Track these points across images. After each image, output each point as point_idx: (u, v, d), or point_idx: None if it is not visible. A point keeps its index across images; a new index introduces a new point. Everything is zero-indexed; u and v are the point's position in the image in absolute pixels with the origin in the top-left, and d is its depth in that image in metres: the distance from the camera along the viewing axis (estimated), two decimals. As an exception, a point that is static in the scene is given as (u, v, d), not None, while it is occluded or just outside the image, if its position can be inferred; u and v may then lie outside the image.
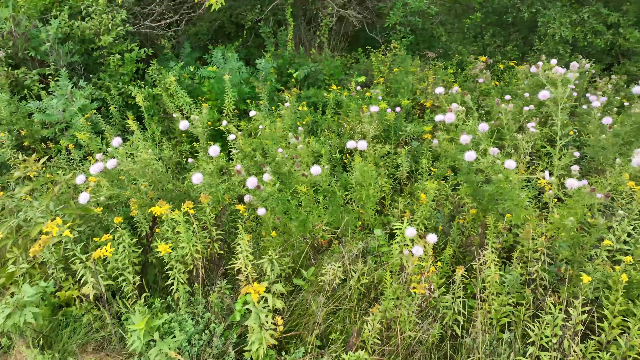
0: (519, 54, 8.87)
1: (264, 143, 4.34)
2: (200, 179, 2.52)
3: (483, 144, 2.51)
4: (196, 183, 2.52)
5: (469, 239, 2.96)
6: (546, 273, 2.41)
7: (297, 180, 2.99)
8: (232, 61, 5.84)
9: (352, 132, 5.20)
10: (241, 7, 7.92)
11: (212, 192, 2.75)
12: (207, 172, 2.68)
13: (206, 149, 2.88)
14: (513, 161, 2.34)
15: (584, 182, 2.20)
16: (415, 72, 7.12)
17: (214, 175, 2.73)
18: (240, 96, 5.84)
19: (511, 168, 2.35)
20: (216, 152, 2.60)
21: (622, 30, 7.94)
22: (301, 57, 7.31)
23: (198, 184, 2.57)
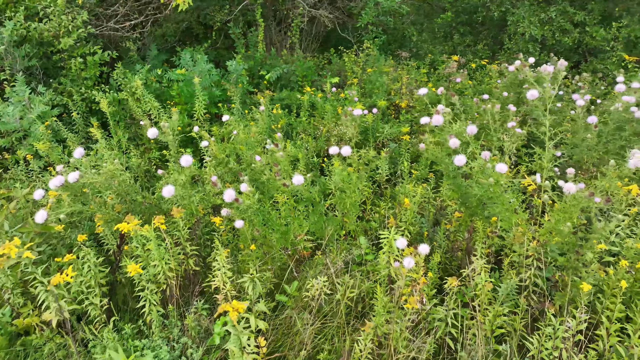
0: (489, 53, 8.93)
1: (238, 148, 4.16)
2: (172, 192, 2.32)
3: (471, 146, 2.41)
4: (167, 196, 2.33)
5: (456, 244, 2.86)
6: (539, 279, 2.32)
7: (276, 187, 2.83)
8: (202, 63, 5.62)
9: (328, 135, 5.06)
10: (209, 7, 7.68)
11: (185, 205, 2.56)
12: (179, 183, 2.49)
13: (177, 158, 2.69)
14: (504, 165, 2.25)
15: (581, 185, 2.13)
16: (389, 72, 7.04)
17: (186, 187, 2.54)
18: (211, 99, 5.63)
19: (502, 172, 2.25)
20: (188, 162, 2.41)
21: (588, 28, 8.08)
22: (273, 59, 7.14)
23: (169, 197, 2.37)
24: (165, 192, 2.32)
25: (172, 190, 2.32)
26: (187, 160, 2.40)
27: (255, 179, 3.58)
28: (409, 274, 2.08)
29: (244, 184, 2.44)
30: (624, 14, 8.31)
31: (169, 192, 2.32)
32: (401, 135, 5.09)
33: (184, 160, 2.40)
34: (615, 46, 7.93)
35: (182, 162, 2.40)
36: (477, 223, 2.48)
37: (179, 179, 2.48)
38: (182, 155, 2.41)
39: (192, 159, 2.42)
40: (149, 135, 2.61)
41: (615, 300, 2.18)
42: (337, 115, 5.27)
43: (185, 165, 2.41)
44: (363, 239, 2.93)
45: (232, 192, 2.22)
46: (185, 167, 2.47)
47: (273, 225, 2.35)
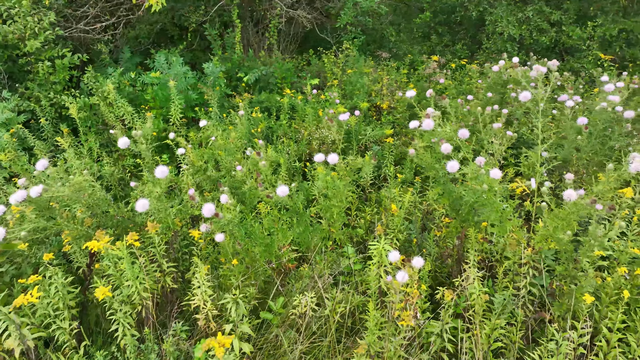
0: (468, 53, 8.93)
1: (216, 154, 3.99)
2: (146, 206, 2.16)
3: (462, 151, 2.31)
4: (141, 211, 2.16)
5: (446, 251, 2.76)
6: (535, 288, 2.23)
7: (258, 196, 2.67)
8: (177, 66, 5.43)
9: (310, 138, 4.93)
10: (184, 8, 7.47)
11: (161, 218, 2.39)
12: (154, 196, 2.33)
13: (152, 167, 2.51)
14: (498, 170, 2.15)
15: (581, 192, 2.04)
16: (369, 73, 6.95)
17: (162, 199, 2.37)
18: (188, 103, 5.44)
19: (497, 177, 2.16)
20: (163, 174, 2.25)
21: (564, 28, 8.14)
22: (251, 60, 6.97)
23: (143, 212, 2.20)
24: (139, 207, 2.15)
25: (147, 204, 2.15)
26: (162, 172, 2.24)
27: (235, 187, 3.42)
28: (402, 288, 1.96)
29: (224, 195, 2.28)
30: (598, 13, 8.40)
31: (143, 207, 2.15)
32: (384, 137, 5.00)
33: (159, 171, 2.23)
34: (591, 45, 8.01)
35: (157, 174, 2.24)
36: (469, 230, 2.38)
37: (154, 192, 2.32)
38: (157, 166, 2.24)
39: (167, 169, 2.25)
40: (120, 146, 2.43)
41: (613, 308, 2.11)
42: (318, 118, 5.14)
43: (160, 176, 2.25)
44: (350, 249, 2.81)
45: (211, 207, 2.06)
46: (160, 179, 2.30)
47: (256, 238, 2.21)
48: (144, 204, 2.14)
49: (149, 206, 2.14)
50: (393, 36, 9.14)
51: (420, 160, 2.48)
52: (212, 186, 3.28)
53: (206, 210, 2.04)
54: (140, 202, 2.14)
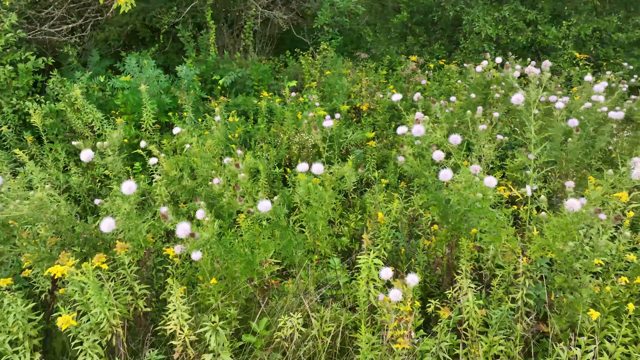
0: (446, 53, 8.90)
1: (192, 161, 3.81)
2: (112, 226, 1.96)
3: (454, 157, 2.19)
4: (107, 231, 1.97)
5: (436, 260, 2.64)
6: (532, 299, 2.13)
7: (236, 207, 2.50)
8: (149, 69, 5.20)
9: (289, 143, 4.78)
10: (155, 9, 7.22)
11: (131, 237, 2.20)
12: (122, 213, 2.14)
13: (121, 181, 2.32)
14: (493, 178, 2.04)
15: (583, 200, 1.95)
16: (348, 75, 6.83)
17: (131, 217, 2.19)
18: (161, 108, 5.22)
19: (491, 186, 2.05)
20: (131, 189, 2.05)
21: (540, 27, 8.18)
22: (226, 63, 6.77)
23: (109, 232, 2.01)
24: (104, 227, 1.95)
25: (112, 223, 1.96)
26: (129, 187, 2.04)
27: (212, 197, 3.24)
28: (395, 306, 1.83)
29: (200, 211, 2.11)
30: (573, 12, 8.48)
31: (109, 227, 1.96)
32: (365, 140, 4.88)
33: (127, 187, 2.04)
34: (566, 44, 8.07)
35: (124, 190, 2.04)
36: (461, 240, 2.27)
37: (122, 209, 2.13)
38: (125, 181, 2.05)
39: (135, 185, 2.06)
40: (83, 159, 2.23)
41: (612, 318, 2.02)
42: (297, 121, 4.99)
43: (128, 193, 2.06)
44: (336, 260, 2.67)
45: (186, 226, 1.88)
46: (129, 195, 2.11)
47: (236, 255, 2.05)
48: (109, 223, 1.95)
49: (115, 225, 1.95)
50: (370, 36, 9.06)
51: (410, 168, 2.36)
52: (188, 196, 3.10)
53: (181, 231, 1.87)
54: (106, 222, 1.95)
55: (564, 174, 3.05)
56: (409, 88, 7.14)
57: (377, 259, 2.08)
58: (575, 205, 1.88)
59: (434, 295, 2.72)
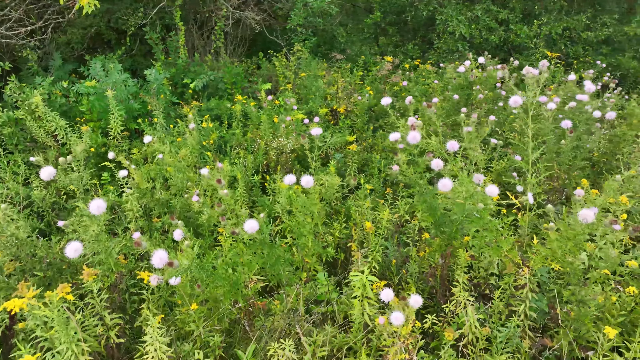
0: (420, 53, 8.87)
1: (164, 171, 3.59)
2: (79, 251, 1.75)
3: (450, 164, 2.07)
4: (74, 257, 1.75)
5: (429, 270, 2.51)
6: (534, 312, 2.03)
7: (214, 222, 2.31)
8: (116, 73, 4.93)
9: (267, 148, 4.59)
10: (121, 10, 6.91)
11: (100, 260, 1.99)
12: (90, 235, 1.93)
13: (87, 198, 2.10)
14: (494, 187, 1.93)
15: (595, 210, 1.85)
16: (324, 76, 6.69)
17: (101, 239, 1.98)
18: (129, 114, 4.95)
19: (493, 195, 1.93)
20: (100, 209, 1.84)
21: (512, 26, 8.23)
22: (197, 65, 6.53)
23: (76, 257, 1.79)
24: (70, 252, 1.74)
25: (80, 248, 1.75)
26: (98, 207, 1.83)
27: (187, 210, 3.04)
28: (395, 328, 1.69)
29: (178, 231, 1.92)
30: (543, 11, 8.56)
31: (75, 252, 1.74)
32: (345, 144, 4.74)
33: (95, 206, 1.83)
34: (538, 43, 8.14)
35: (92, 209, 1.83)
36: (459, 251, 2.14)
37: (90, 230, 1.92)
38: (93, 200, 1.83)
39: (104, 204, 1.85)
40: (44, 178, 2.00)
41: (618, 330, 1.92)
42: (274, 126, 4.81)
43: (96, 212, 1.85)
44: (322, 275, 2.51)
45: (162, 255, 1.67)
46: (97, 216, 1.90)
47: (219, 278, 1.86)
48: (75, 248, 1.73)
49: (83, 249, 1.74)
50: (343, 37, 8.95)
51: (404, 178, 2.22)
52: (161, 209, 2.89)
53: (157, 260, 1.66)
54: (72, 246, 1.74)
55: (555, 176, 2.98)
56: (386, 89, 7.06)
57: (372, 276, 1.93)
58: (589, 217, 1.77)
59: (428, 307, 2.59)
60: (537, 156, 2.14)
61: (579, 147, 3.05)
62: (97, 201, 1.82)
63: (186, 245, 1.85)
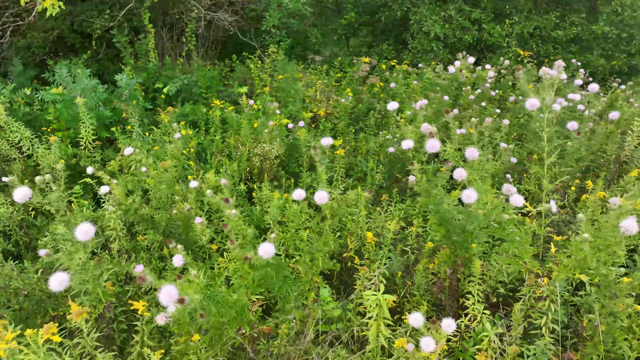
0: (394, 53, 8.83)
1: (143, 182, 3.36)
2: (66, 283, 1.53)
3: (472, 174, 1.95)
4: (59, 290, 1.54)
5: (437, 282, 2.39)
6: (557, 325, 1.93)
7: (234, 256, 2.11)
8: (84, 79, 4.64)
9: (249, 155, 4.40)
10: (85, 12, 6.56)
11: (88, 289, 1.77)
12: (76, 263, 1.71)
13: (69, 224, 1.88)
14: (520, 197, 1.82)
15: (634, 219, 1.75)
16: (301, 78, 6.53)
17: (88, 269, 1.76)
18: (100, 122, 4.67)
19: (519, 204, 1.83)
20: (89, 234, 1.62)
21: (485, 25, 8.28)
22: (169, 69, 6.26)
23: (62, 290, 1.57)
24: (54, 284, 1.52)
25: (65, 280, 1.54)
26: (86, 232, 1.62)
27: (174, 226, 2.83)
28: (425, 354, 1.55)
29: (178, 257, 1.72)
30: (513, 11, 8.66)
31: (61, 284, 1.52)
32: (333, 149, 4.58)
33: (82, 231, 1.61)
34: (510, 42, 8.21)
35: (79, 235, 1.61)
36: (475, 262, 2.03)
37: (76, 259, 1.70)
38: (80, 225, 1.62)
39: (93, 228, 1.64)
40: (18, 200, 1.77)
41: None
42: (255, 131, 4.63)
43: (84, 239, 1.63)
44: (326, 291, 2.36)
45: (172, 291, 1.45)
46: (84, 242, 1.68)
47: (225, 307, 1.68)
48: (61, 280, 1.52)
49: (69, 282, 1.53)
50: (317, 38, 8.83)
51: (418, 187, 2.09)
52: (146, 225, 2.67)
53: (165, 297, 1.44)
54: (57, 279, 1.52)
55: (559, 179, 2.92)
56: (364, 90, 6.96)
57: (388, 295, 1.80)
58: (633, 228, 1.68)
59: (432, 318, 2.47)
60: (553, 160, 2.06)
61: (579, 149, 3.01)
62: (84, 226, 1.60)
63: (194, 275, 1.66)
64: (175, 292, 1.40)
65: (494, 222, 1.86)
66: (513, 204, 1.84)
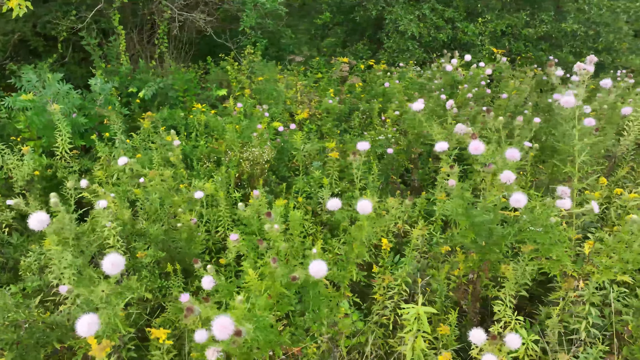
0: (370, 53, 8.78)
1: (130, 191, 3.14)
2: (95, 326, 1.31)
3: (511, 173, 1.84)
4: (88, 334, 1.31)
5: (460, 288, 2.30)
6: (598, 330, 1.88)
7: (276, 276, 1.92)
8: (56, 84, 4.35)
9: (237, 160, 4.22)
10: (49, 14, 6.19)
11: (106, 322, 1.57)
12: (99, 297, 1.49)
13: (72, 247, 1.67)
14: (568, 200, 1.74)
15: None
16: (281, 80, 6.38)
17: (111, 301, 1.55)
18: (75, 129, 4.39)
19: (567, 207, 1.75)
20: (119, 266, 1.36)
21: (458, 24, 8.35)
22: (142, 72, 5.98)
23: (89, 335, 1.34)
24: (83, 329, 1.27)
25: (95, 322, 1.31)
26: (114, 264, 1.38)
27: (170, 239, 2.64)
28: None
29: (208, 278, 1.54)
30: (485, 9, 8.77)
31: (90, 328, 1.30)
32: (317, 151, 4.46)
33: (112, 263, 1.36)
34: (484, 40, 8.31)
35: (107, 268, 1.36)
36: (503, 266, 1.95)
37: (98, 292, 1.49)
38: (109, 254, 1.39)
39: (122, 259, 1.42)
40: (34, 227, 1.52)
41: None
42: (241, 135, 4.45)
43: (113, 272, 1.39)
44: (346, 303, 2.24)
45: (226, 322, 1.25)
46: (112, 275, 1.45)
47: (263, 330, 1.52)
48: (90, 322, 1.30)
49: (98, 325, 1.31)
50: (292, 39, 8.69)
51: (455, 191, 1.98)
52: (144, 241, 2.46)
53: (220, 329, 1.25)
54: (85, 321, 1.29)
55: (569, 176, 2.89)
56: (343, 90, 6.87)
57: (428, 308, 1.69)
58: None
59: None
60: (584, 159, 2.01)
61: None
62: (112, 257, 1.38)
63: (239, 302, 1.48)
64: (231, 323, 1.22)
65: (540, 225, 1.78)
66: (560, 206, 1.77)
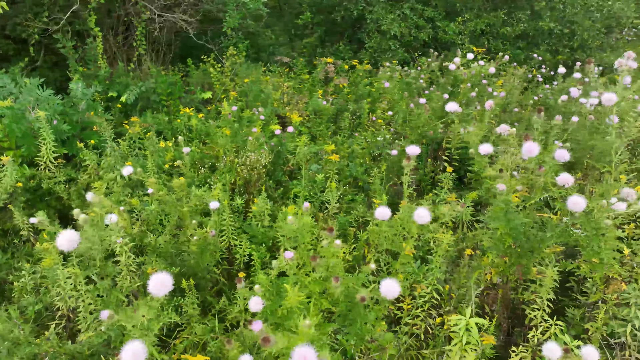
0: (351, 53, 8.72)
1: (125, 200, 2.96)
2: (143, 356, 1.17)
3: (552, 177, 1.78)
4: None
5: (491, 294, 2.24)
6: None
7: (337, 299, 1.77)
8: (34, 89, 4.09)
9: (232, 165, 4.07)
10: (19, 15, 5.87)
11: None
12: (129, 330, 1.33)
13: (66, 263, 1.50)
14: (623, 202, 1.69)
15: None
16: (267, 81, 6.23)
17: (152, 327, 1.39)
18: (57, 137, 4.13)
19: (622, 210, 1.70)
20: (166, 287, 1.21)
21: (439, 23, 8.38)
22: (122, 76, 5.73)
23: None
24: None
25: (142, 352, 1.17)
26: (164, 284, 1.24)
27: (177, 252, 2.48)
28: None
29: (256, 299, 1.38)
30: (464, 9, 8.84)
31: (136, 358, 1.16)
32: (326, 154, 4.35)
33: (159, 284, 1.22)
34: (464, 39, 8.36)
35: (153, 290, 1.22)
36: (547, 268, 1.89)
37: (138, 317, 1.33)
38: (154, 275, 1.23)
39: (170, 279, 1.28)
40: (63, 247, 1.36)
41: None
42: (235, 139, 4.29)
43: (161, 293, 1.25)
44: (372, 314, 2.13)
45: (309, 353, 1.12)
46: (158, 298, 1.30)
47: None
48: (135, 350, 1.15)
49: (145, 352, 1.17)
50: (272, 39, 8.55)
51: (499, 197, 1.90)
52: (156, 258, 2.29)
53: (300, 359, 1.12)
54: (130, 349, 1.14)
55: (583, 174, 2.88)
56: (328, 91, 6.78)
57: (479, 319, 1.61)
58: None
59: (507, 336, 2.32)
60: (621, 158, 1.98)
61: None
62: (160, 276, 1.23)
63: (307, 326, 1.34)
64: (313, 353, 1.09)
65: (591, 228, 1.73)
66: (617, 209, 1.71)
